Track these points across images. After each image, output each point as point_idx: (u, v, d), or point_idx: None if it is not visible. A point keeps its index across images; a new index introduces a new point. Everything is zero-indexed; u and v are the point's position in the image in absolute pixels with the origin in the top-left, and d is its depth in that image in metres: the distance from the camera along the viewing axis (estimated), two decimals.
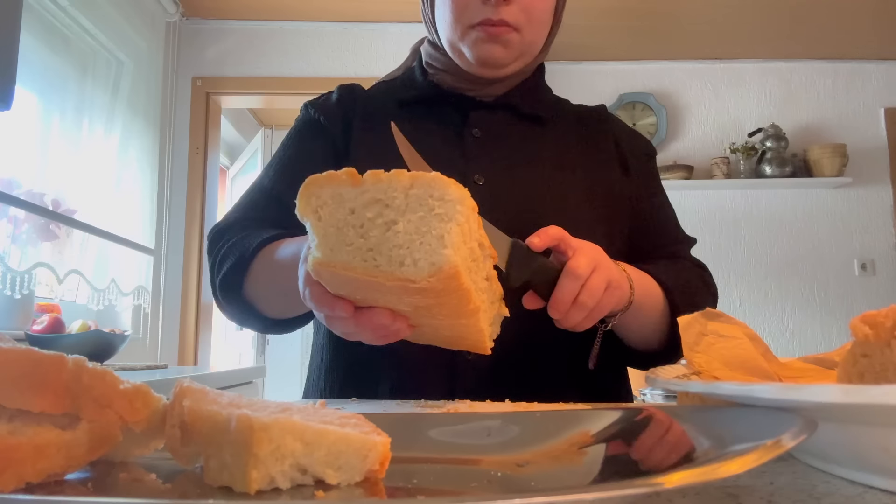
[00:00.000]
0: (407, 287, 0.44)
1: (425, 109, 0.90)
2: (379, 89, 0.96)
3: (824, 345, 3.26)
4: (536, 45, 0.87)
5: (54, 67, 2.16)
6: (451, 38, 0.85)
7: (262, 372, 2.21)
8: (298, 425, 0.29)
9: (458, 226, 0.44)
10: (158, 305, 2.80)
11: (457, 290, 0.45)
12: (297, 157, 0.90)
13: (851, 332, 0.37)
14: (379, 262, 0.45)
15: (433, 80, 0.91)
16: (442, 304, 0.48)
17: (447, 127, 0.88)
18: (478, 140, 0.87)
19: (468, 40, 0.83)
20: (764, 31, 3.16)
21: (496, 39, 0.82)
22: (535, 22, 0.84)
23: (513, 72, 0.88)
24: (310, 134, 0.92)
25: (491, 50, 0.83)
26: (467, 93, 0.90)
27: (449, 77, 0.90)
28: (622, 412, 0.40)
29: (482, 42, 0.82)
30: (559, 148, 0.90)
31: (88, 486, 0.31)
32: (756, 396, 0.31)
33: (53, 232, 1.94)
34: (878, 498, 0.30)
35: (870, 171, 3.36)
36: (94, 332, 1.57)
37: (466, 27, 0.83)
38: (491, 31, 0.81)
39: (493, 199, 0.81)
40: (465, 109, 0.89)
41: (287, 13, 3.03)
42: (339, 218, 0.45)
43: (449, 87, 0.90)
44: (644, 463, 0.34)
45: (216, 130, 3.12)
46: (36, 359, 0.30)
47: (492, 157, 0.86)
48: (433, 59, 0.92)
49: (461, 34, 0.84)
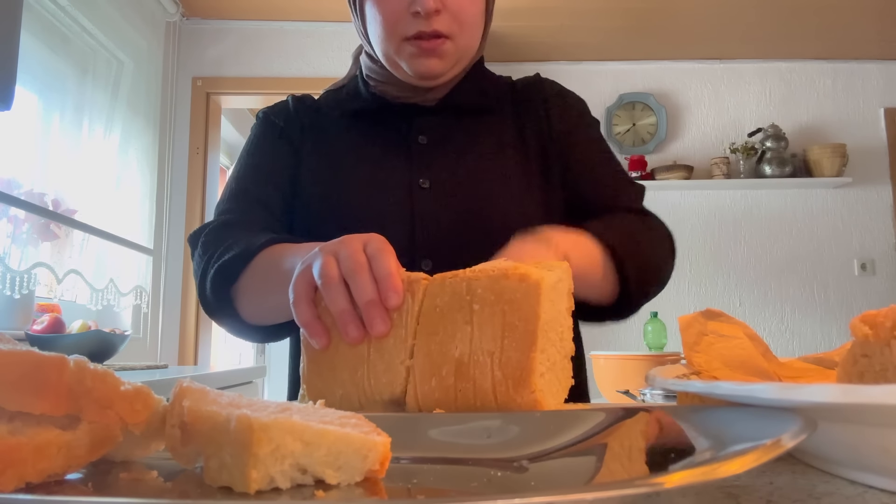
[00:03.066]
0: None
1: (371, 120, 0.92)
2: (327, 99, 0.98)
3: (824, 345, 3.26)
4: (472, 48, 0.89)
5: (54, 67, 2.16)
6: (387, 51, 0.86)
7: (262, 372, 2.21)
8: (298, 425, 0.29)
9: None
10: (158, 305, 2.80)
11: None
12: (266, 163, 0.92)
13: (851, 332, 0.37)
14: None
15: (375, 92, 0.93)
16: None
17: (393, 135, 0.91)
18: (424, 146, 0.89)
19: (404, 54, 0.84)
20: (764, 31, 3.16)
21: (431, 53, 0.83)
22: (467, 27, 0.84)
23: (451, 76, 0.90)
24: (272, 139, 0.94)
25: (427, 64, 0.84)
26: (410, 100, 0.91)
27: (390, 88, 0.91)
28: (622, 412, 0.40)
29: (418, 56, 0.83)
30: (500, 134, 0.92)
31: (88, 485, 0.31)
32: (756, 396, 0.31)
33: (53, 232, 1.94)
34: (878, 498, 0.30)
35: (870, 171, 3.36)
36: (94, 332, 1.57)
37: (400, 41, 0.83)
38: (425, 45, 0.82)
39: (438, 201, 0.85)
40: (410, 116, 0.91)
41: (287, 13, 3.03)
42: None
43: (392, 98, 0.92)
44: (644, 463, 0.34)
45: (216, 130, 3.12)
46: (36, 361, 0.30)
47: (437, 160, 0.88)
48: (372, 71, 0.93)
49: (395, 49, 0.84)
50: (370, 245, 0.55)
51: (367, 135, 0.91)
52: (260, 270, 0.74)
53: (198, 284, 0.81)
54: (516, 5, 2.87)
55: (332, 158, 0.91)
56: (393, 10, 0.82)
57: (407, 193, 0.86)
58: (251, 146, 0.94)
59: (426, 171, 0.87)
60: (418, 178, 0.87)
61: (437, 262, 0.83)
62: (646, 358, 2.47)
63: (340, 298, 0.52)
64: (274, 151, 0.93)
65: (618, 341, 3.20)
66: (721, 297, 3.30)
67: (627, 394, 1.96)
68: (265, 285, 0.73)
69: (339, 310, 0.52)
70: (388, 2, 0.82)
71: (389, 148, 0.90)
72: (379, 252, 0.54)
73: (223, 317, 0.80)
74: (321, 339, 0.54)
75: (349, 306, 0.52)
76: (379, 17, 0.83)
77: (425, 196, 0.86)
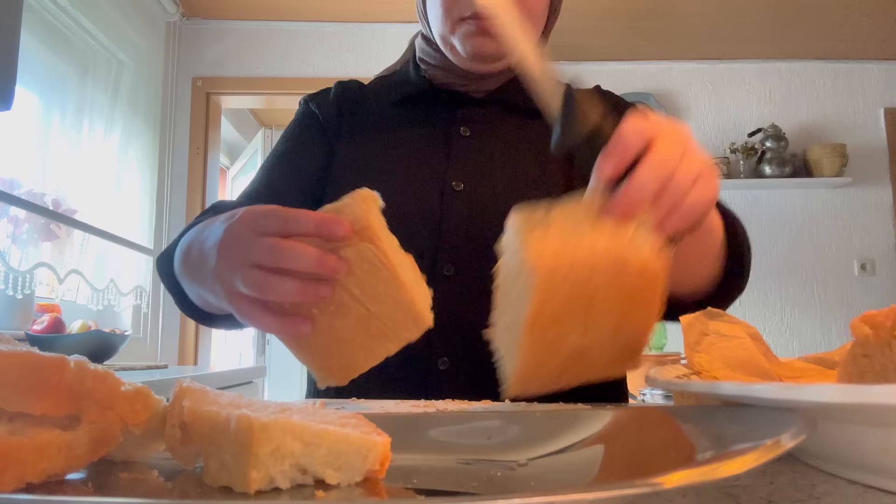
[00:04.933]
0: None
1: (416, 106, 0.90)
2: (375, 86, 0.96)
3: (824, 345, 3.26)
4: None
5: (54, 67, 2.16)
6: (442, 31, 0.84)
7: (262, 372, 2.21)
8: (298, 425, 0.29)
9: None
10: (158, 305, 2.80)
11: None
12: (294, 151, 0.90)
13: (851, 332, 0.37)
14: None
15: (425, 76, 0.91)
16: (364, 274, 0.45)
17: (435, 126, 0.88)
18: (465, 139, 0.86)
19: (459, 34, 0.82)
20: (764, 31, 3.16)
21: (487, 32, 0.79)
22: (528, 13, 0.81)
23: (506, 66, 0.87)
24: (307, 127, 0.92)
25: (482, 43, 0.81)
26: (459, 88, 0.89)
27: (440, 73, 0.89)
28: (622, 412, 0.40)
29: (473, 35, 0.81)
30: (546, 146, 0.89)
31: (89, 486, 0.31)
32: (756, 396, 0.31)
33: (54, 232, 1.94)
34: (878, 498, 0.30)
35: (870, 171, 3.36)
36: (94, 332, 1.57)
37: (457, 20, 0.81)
38: (482, 23, 0.79)
39: (471, 206, 0.81)
40: (456, 106, 0.88)
41: (287, 13, 3.03)
42: None
43: (440, 84, 0.89)
44: (644, 463, 0.34)
45: (216, 130, 3.12)
46: (37, 362, 0.30)
47: (476, 158, 0.85)
48: (426, 54, 0.91)
49: (451, 27, 0.82)
50: (260, 221, 0.48)
51: (408, 123, 0.88)
52: (183, 258, 0.64)
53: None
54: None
55: (366, 152, 0.88)
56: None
57: (438, 195, 0.82)
58: (287, 133, 0.93)
59: (462, 171, 0.84)
60: (452, 180, 0.83)
61: (459, 269, 0.79)
62: (645, 358, 2.47)
63: (287, 286, 0.45)
64: (304, 142, 0.91)
65: None
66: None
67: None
68: (192, 277, 0.63)
69: (293, 291, 0.45)
70: None
71: (429, 139, 0.87)
72: (283, 220, 0.47)
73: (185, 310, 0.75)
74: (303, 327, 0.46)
75: (298, 284, 0.45)
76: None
77: (457, 200, 0.82)
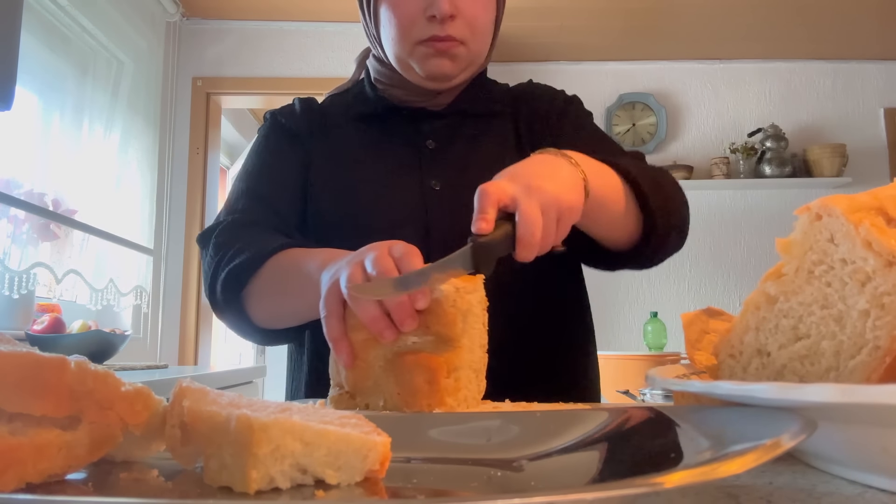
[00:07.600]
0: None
1: (380, 123, 0.93)
2: (332, 103, 0.98)
3: None
4: (482, 54, 0.90)
5: (54, 67, 2.16)
6: (399, 54, 0.87)
7: (262, 372, 2.21)
8: (298, 425, 0.29)
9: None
10: (158, 305, 2.80)
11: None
12: (274, 163, 0.92)
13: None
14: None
15: (384, 96, 0.93)
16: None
17: (402, 139, 0.91)
18: (433, 150, 0.90)
19: (416, 56, 0.85)
20: (764, 31, 3.16)
21: (444, 54, 0.84)
22: (479, 34, 0.86)
23: (462, 80, 0.91)
24: (282, 140, 0.94)
25: (440, 64, 0.85)
26: (418, 104, 0.92)
27: (399, 91, 0.92)
28: (622, 412, 0.40)
29: (430, 57, 0.84)
30: (502, 138, 0.93)
31: (89, 486, 0.31)
32: (756, 396, 0.31)
33: (53, 232, 1.94)
34: (878, 498, 0.30)
35: (870, 171, 3.36)
36: (94, 332, 1.57)
37: (414, 44, 0.84)
38: (439, 46, 0.83)
39: (450, 201, 0.85)
40: (418, 121, 0.92)
41: (287, 13, 3.03)
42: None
43: (400, 102, 0.92)
44: (644, 463, 0.34)
45: (216, 130, 3.12)
46: (37, 362, 0.30)
47: (446, 164, 0.89)
48: (381, 74, 0.94)
49: (409, 51, 0.85)
50: (395, 248, 0.57)
51: (375, 138, 0.92)
52: (275, 275, 0.74)
53: (208, 284, 0.80)
54: (516, 5, 2.87)
55: (342, 160, 0.91)
56: (408, 13, 0.83)
57: (420, 197, 0.87)
58: (259, 146, 0.94)
59: (436, 174, 0.88)
60: (430, 180, 0.88)
61: None
62: (646, 358, 2.47)
63: (370, 306, 0.54)
64: (283, 152, 0.93)
65: (618, 341, 3.20)
66: (721, 296, 3.30)
67: (627, 394, 1.96)
68: (281, 291, 0.74)
69: (370, 317, 0.54)
70: (403, 5, 0.83)
71: (399, 152, 0.91)
72: (405, 255, 0.56)
73: (231, 317, 0.80)
74: (347, 358, 0.56)
75: (379, 313, 0.54)
76: (394, 19, 0.84)
77: (438, 197, 0.87)
